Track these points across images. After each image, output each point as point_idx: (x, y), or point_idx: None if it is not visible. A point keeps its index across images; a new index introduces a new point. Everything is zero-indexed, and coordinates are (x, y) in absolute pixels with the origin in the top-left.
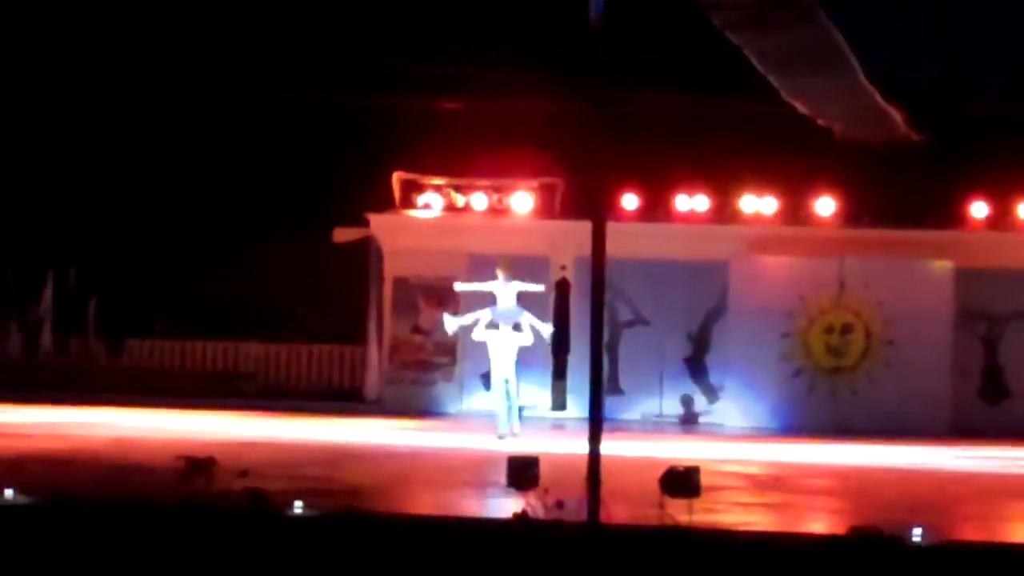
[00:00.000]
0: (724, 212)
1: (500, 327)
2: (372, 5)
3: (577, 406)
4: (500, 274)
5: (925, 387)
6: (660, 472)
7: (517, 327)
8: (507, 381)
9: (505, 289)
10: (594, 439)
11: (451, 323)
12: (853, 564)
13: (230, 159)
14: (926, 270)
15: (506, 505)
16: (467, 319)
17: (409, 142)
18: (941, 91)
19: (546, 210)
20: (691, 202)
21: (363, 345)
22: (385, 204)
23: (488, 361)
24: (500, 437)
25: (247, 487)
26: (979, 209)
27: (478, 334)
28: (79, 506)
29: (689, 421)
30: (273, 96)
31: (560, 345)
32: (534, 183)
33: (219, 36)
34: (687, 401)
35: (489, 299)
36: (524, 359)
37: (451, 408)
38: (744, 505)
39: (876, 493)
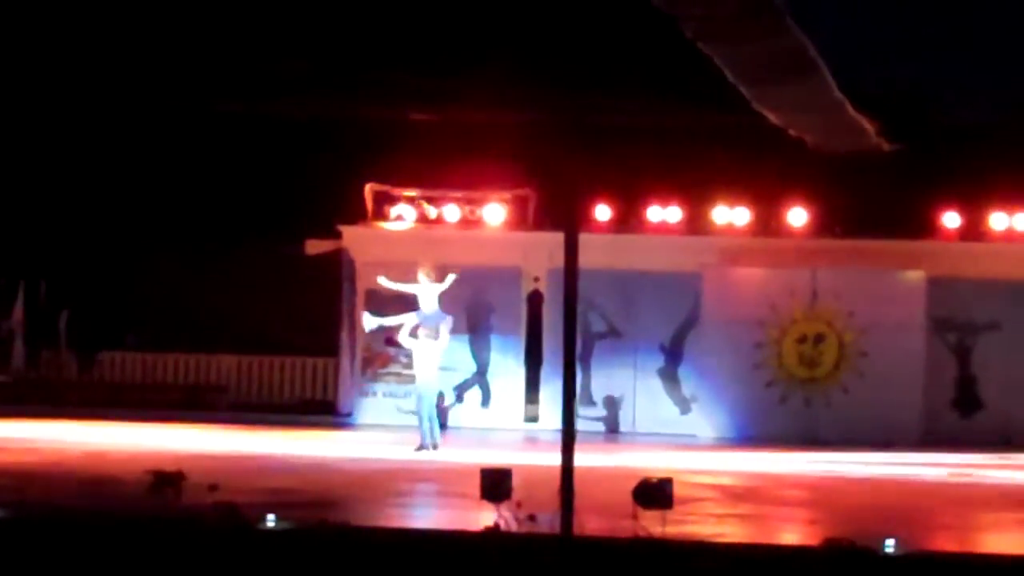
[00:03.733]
0: (696, 223)
1: (420, 337)
2: (344, 16)
3: (550, 418)
4: (423, 277)
5: (898, 397)
6: (633, 484)
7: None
8: (423, 395)
9: (427, 293)
10: (567, 451)
11: (370, 321)
12: (826, 575)
13: (201, 171)
14: (898, 280)
15: (479, 517)
16: (389, 320)
17: (381, 154)
18: (913, 101)
19: (518, 222)
20: (663, 213)
21: (336, 357)
22: (357, 216)
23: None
24: (419, 448)
25: (218, 501)
26: (951, 219)
27: (404, 340)
28: (50, 520)
29: (613, 429)
30: (244, 107)
31: (533, 357)
32: (506, 195)
33: (191, 47)
34: (611, 405)
35: (415, 304)
36: (496, 370)
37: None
38: (717, 516)
39: (849, 504)
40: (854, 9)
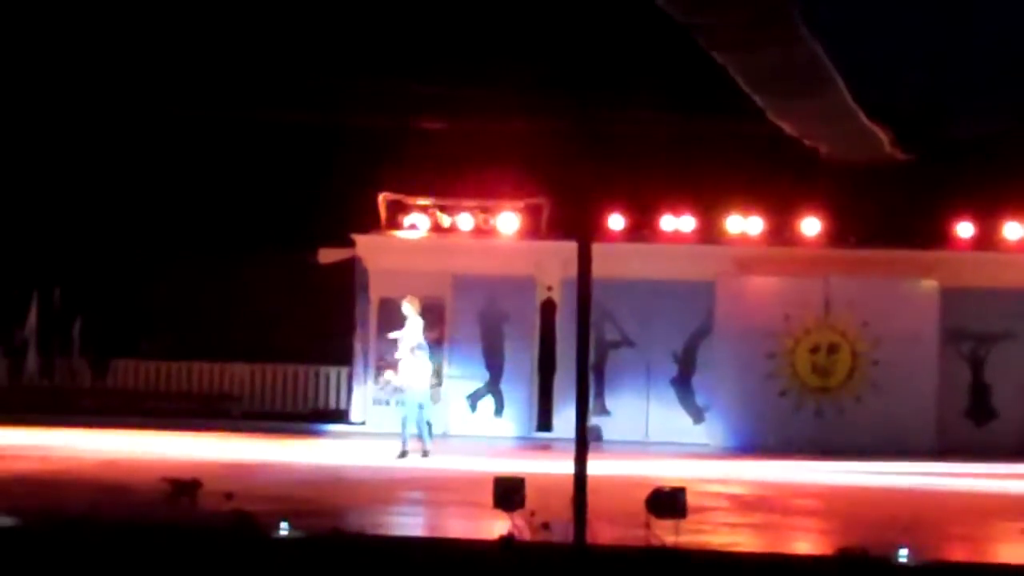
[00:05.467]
0: (710, 232)
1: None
2: (358, 26)
3: (563, 427)
4: (412, 309)
5: (911, 407)
6: (646, 493)
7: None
8: (404, 403)
9: (413, 323)
10: (580, 460)
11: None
12: None
13: (215, 179)
14: (912, 290)
15: (492, 527)
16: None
17: (395, 162)
18: (926, 111)
19: (532, 230)
20: (677, 222)
21: (349, 366)
22: (371, 224)
23: (473, 381)
24: (401, 455)
25: (233, 509)
26: (965, 229)
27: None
28: (65, 528)
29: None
30: (258, 116)
31: (546, 366)
32: (520, 203)
33: (204, 55)
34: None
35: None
36: (509, 379)
37: (437, 429)
38: (730, 526)
39: (862, 513)
40: (868, 18)
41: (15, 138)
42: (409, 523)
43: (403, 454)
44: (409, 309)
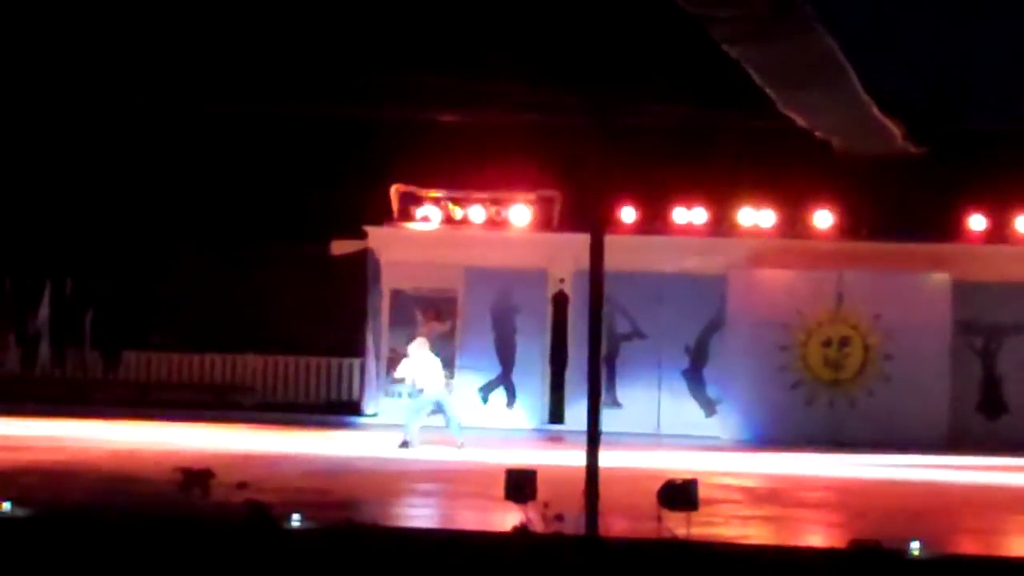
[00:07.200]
0: (722, 225)
1: (416, 349)
2: (371, 18)
3: (575, 419)
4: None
5: (923, 400)
6: (658, 485)
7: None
8: (415, 393)
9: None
10: (592, 452)
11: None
12: None
13: (228, 171)
14: (924, 283)
15: (505, 518)
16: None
17: (408, 155)
18: (939, 104)
19: (544, 223)
20: (689, 215)
21: (361, 357)
22: (383, 216)
23: (485, 374)
24: (403, 445)
25: (246, 499)
26: (977, 222)
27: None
28: (76, 518)
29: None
30: (272, 108)
31: (558, 358)
32: (532, 196)
33: (218, 48)
34: None
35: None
36: (521, 371)
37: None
38: (742, 518)
39: (875, 506)
40: (881, 12)
41: (29, 130)
42: (422, 515)
43: (404, 443)
44: (417, 350)
